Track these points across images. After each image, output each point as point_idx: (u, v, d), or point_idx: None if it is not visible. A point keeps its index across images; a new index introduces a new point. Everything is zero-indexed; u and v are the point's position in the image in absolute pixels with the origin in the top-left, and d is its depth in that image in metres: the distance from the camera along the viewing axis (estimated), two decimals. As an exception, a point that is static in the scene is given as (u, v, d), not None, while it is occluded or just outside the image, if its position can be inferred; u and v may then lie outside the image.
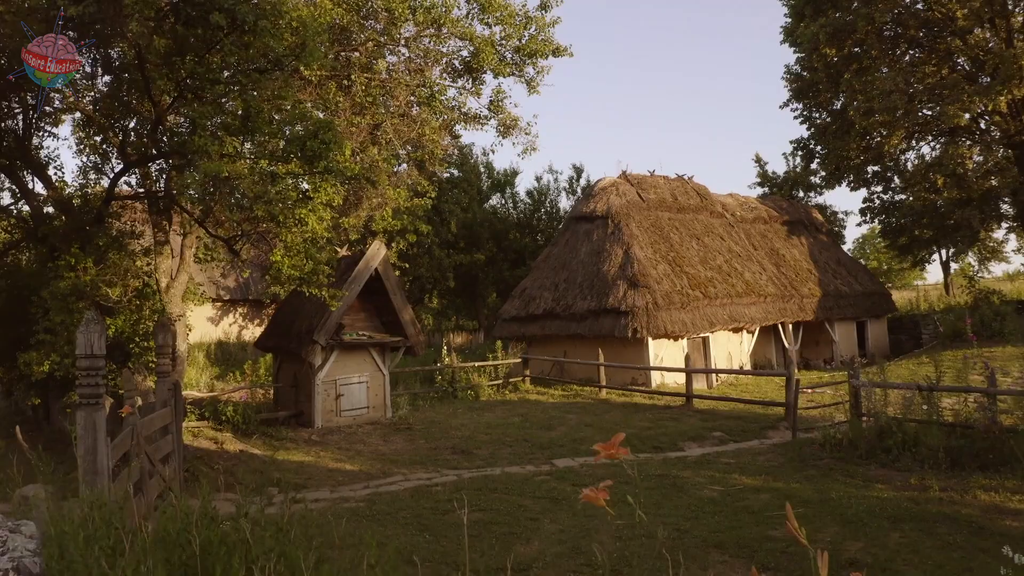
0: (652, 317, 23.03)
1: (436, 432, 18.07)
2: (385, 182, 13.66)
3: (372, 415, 19.62)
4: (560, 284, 26.38)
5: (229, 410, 17.88)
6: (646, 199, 27.95)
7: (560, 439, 16.63)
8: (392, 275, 19.32)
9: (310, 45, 10.02)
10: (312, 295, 12.84)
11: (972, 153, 30.47)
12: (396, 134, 15.51)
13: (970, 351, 26.43)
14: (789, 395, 17.46)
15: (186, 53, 10.40)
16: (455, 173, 47.33)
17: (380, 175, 13.56)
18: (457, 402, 22.36)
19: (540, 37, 17.25)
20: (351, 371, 19.44)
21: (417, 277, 42.23)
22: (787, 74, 42.26)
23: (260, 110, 10.26)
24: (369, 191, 13.95)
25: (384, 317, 20.07)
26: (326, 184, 10.49)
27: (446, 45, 16.95)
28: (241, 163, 9.83)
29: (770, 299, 27.96)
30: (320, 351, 18.57)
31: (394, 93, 15.40)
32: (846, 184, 42.36)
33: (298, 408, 19.52)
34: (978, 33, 30.32)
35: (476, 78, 17.55)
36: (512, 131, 18.20)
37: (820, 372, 28.70)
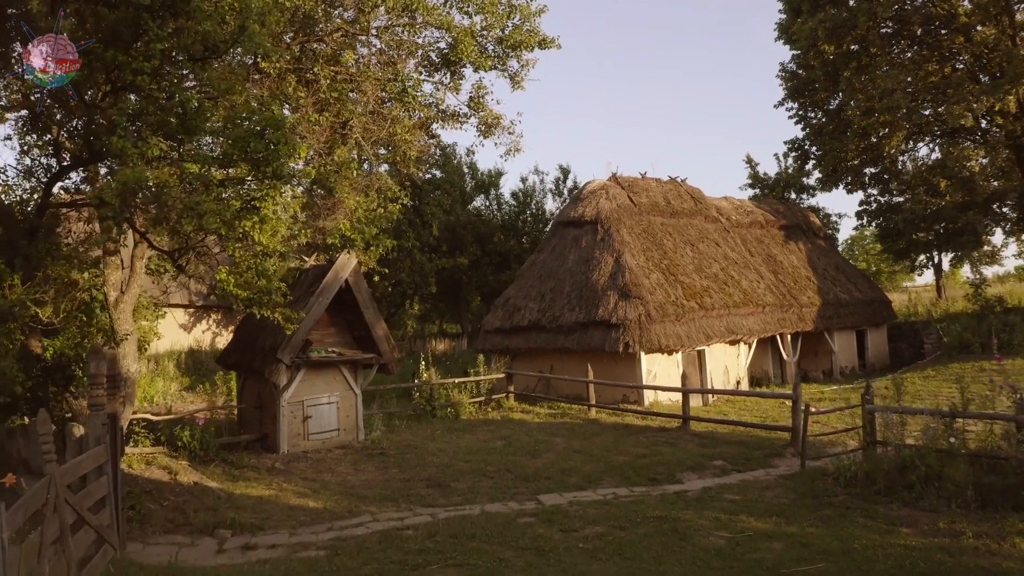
0: (645, 330, 21.78)
1: (411, 458, 16.77)
2: (345, 189, 12.29)
3: (343, 438, 18.33)
4: (546, 294, 25.08)
5: (186, 435, 16.47)
6: (638, 203, 26.68)
7: (546, 469, 15.35)
8: (364, 287, 18.01)
9: (250, 28, 8.71)
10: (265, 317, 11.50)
11: (978, 155, 29.33)
12: (364, 133, 14.16)
13: (987, 364, 25.35)
14: (796, 419, 16.26)
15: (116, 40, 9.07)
16: (437, 174, 46.35)
17: (340, 181, 12.19)
18: (436, 422, 21.06)
19: (525, 27, 15.96)
20: (320, 391, 18.14)
21: (398, 282, 41.06)
22: (782, 72, 41.15)
23: (199, 106, 8.94)
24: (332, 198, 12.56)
25: (356, 332, 18.78)
26: (274, 192, 9.18)
27: (421, 36, 15.63)
28: (167, 169, 8.52)
29: (768, 309, 26.77)
30: (285, 370, 17.25)
31: (363, 88, 14.03)
32: (843, 186, 41.25)
33: (263, 431, 18.18)
34: (984, 30, 29.19)
35: (455, 72, 16.25)
36: (494, 130, 16.90)
37: (820, 385, 27.58)
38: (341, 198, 11.64)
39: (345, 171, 11.83)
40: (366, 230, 11.65)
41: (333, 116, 13.92)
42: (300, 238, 11.15)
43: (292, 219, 11.77)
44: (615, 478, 14.55)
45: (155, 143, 8.46)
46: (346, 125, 14.33)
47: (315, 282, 17.60)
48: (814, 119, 41.46)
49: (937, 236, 40.26)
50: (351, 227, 11.01)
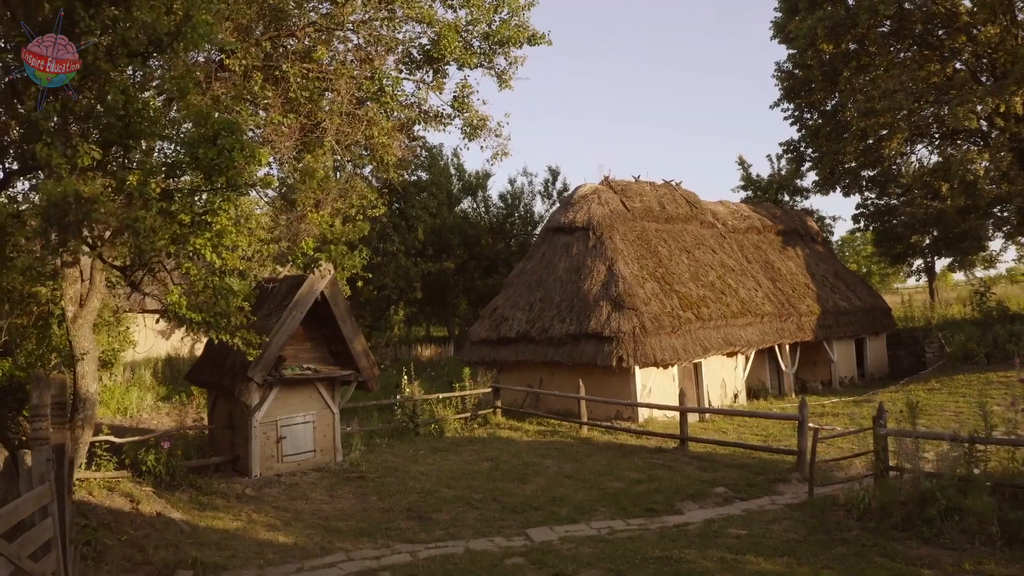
0: (639, 343, 20.86)
1: (392, 483, 15.83)
2: (309, 202, 11.27)
3: (319, 459, 17.34)
4: (535, 304, 24.11)
5: (150, 459, 15.43)
6: (631, 208, 25.74)
7: (536, 496, 14.42)
8: (341, 300, 17.02)
9: (196, 17, 7.73)
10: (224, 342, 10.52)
11: (983, 158, 28.55)
12: (338, 137, 13.15)
13: (994, 376, 24.58)
14: (802, 441, 15.40)
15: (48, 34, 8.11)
16: (423, 176, 45.62)
17: (305, 192, 11.15)
18: (419, 440, 20.07)
19: (513, 22, 14.98)
20: (295, 410, 17.14)
21: (382, 287, 40.16)
22: (778, 72, 40.33)
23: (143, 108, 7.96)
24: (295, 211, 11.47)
25: (333, 347, 17.81)
26: (228, 205, 8.21)
27: (401, 30, 14.63)
28: (101, 180, 7.54)
29: (767, 319, 25.91)
30: (257, 388, 16.24)
31: (335, 86, 13.00)
32: (840, 189, 40.48)
33: (234, 453, 17.18)
34: (987, 29, 28.41)
35: (438, 70, 15.25)
36: (480, 133, 15.90)
37: (819, 397, 26.73)
38: (303, 212, 10.63)
39: (310, 181, 10.82)
40: (332, 249, 10.59)
41: (304, 118, 12.95)
42: (264, 252, 10.14)
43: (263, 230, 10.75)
44: (610, 508, 13.63)
45: (87, 150, 7.48)
46: (318, 127, 13.34)
47: (289, 294, 16.60)
48: (810, 120, 40.70)
49: (937, 240, 39.58)
50: (312, 245, 9.98)
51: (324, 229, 10.55)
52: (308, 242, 10.11)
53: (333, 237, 11.31)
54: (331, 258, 10.85)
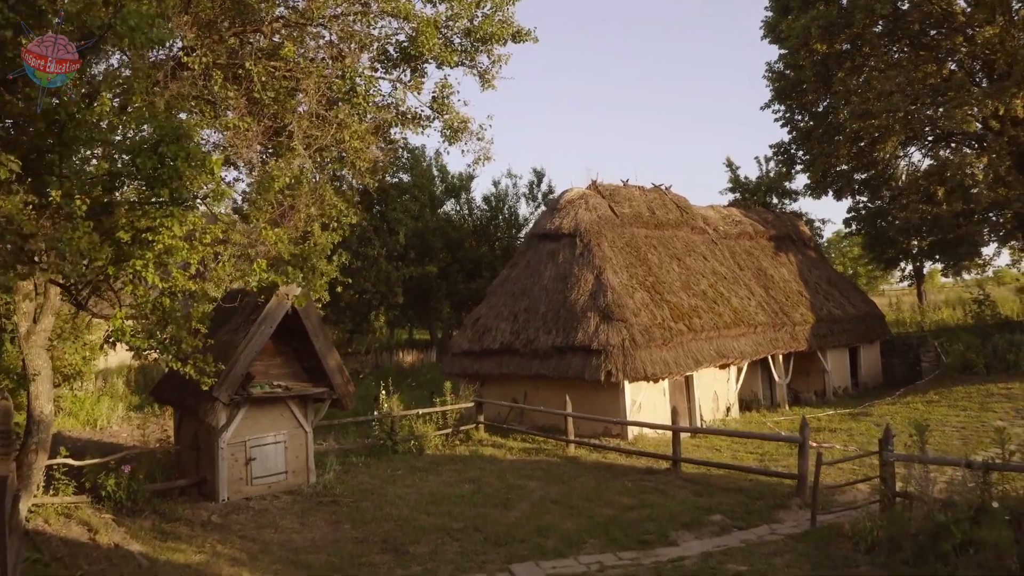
0: (629, 357, 20.01)
1: (368, 508, 14.97)
2: (263, 217, 10.32)
3: (291, 481, 16.45)
4: (520, 314, 23.22)
5: (110, 483, 14.49)
6: (620, 214, 24.88)
7: (520, 525, 13.58)
8: (314, 313, 16.13)
9: (128, 7, 6.84)
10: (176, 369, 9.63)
11: (981, 162, 27.88)
12: (306, 141, 12.23)
13: (994, 387, 23.90)
14: (803, 465, 14.60)
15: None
16: (404, 178, 44.79)
17: (262, 207, 10.20)
18: (397, 459, 19.18)
19: (497, 17, 14.09)
20: (265, 429, 16.25)
21: (362, 292, 39.28)
22: (769, 72, 39.59)
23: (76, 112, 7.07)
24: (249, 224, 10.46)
25: (306, 362, 16.92)
26: (171, 221, 7.33)
27: (377, 26, 13.72)
28: (20, 195, 6.65)
29: (760, 329, 25.13)
30: (223, 408, 15.31)
31: (304, 86, 12.08)
32: (832, 192, 39.79)
33: (200, 475, 16.27)
34: (986, 29, 27.75)
35: (416, 68, 14.36)
36: (461, 136, 15.02)
37: (813, 408, 26.00)
38: (258, 228, 9.73)
39: (266, 192, 9.93)
40: (290, 271, 9.67)
41: (269, 120, 12.04)
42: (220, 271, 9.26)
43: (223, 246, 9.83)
44: (600, 539, 12.79)
45: (4, 161, 6.57)
46: (284, 131, 12.43)
47: (258, 307, 15.67)
48: (802, 122, 40.02)
49: (932, 245, 38.97)
50: (263, 267, 9.08)
51: (281, 248, 9.59)
52: (260, 263, 9.19)
53: (295, 255, 10.31)
54: (289, 281, 9.86)
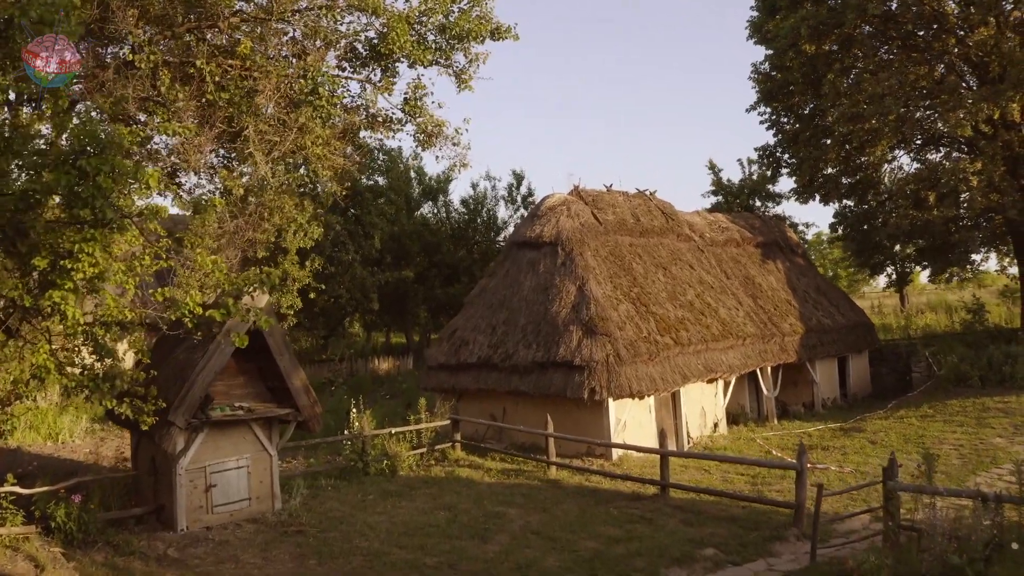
0: (613, 373, 19.10)
1: (336, 539, 14.01)
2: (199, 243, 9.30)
3: (255, 508, 15.45)
4: (498, 326, 22.25)
5: (60, 513, 13.47)
6: (603, 221, 23.96)
7: (499, 561, 12.67)
8: (278, 331, 15.17)
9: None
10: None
11: (975, 167, 27.21)
12: (263, 147, 11.24)
13: (990, 401, 23.24)
14: (800, 494, 13.74)
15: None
16: (380, 181, 43.96)
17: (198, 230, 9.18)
18: (368, 482, 18.18)
19: (474, 12, 13.14)
20: (226, 453, 15.23)
21: (336, 298, 38.34)
22: (755, 74, 38.90)
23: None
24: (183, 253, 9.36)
25: (270, 381, 15.91)
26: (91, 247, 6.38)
27: (344, 21, 12.74)
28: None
29: (749, 341, 24.32)
30: (180, 432, 14.32)
31: (261, 86, 11.09)
32: (819, 197, 39.13)
33: (158, 502, 15.24)
34: (981, 31, 27.11)
35: (386, 68, 13.39)
36: (435, 140, 14.08)
37: (802, 422, 25.26)
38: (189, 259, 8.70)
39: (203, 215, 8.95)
40: (230, 304, 8.67)
41: (224, 124, 11.07)
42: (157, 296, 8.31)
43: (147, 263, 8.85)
44: (582, 575, 11.91)
45: None
46: (239, 137, 11.44)
47: (218, 323, 14.71)
48: (788, 124, 39.36)
49: (922, 251, 38.43)
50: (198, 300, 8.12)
51: (219, 276, 8.59)
52: (194, 295, 8.21)
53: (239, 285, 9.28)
54: (229, 314, 8.85)
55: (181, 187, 14.48)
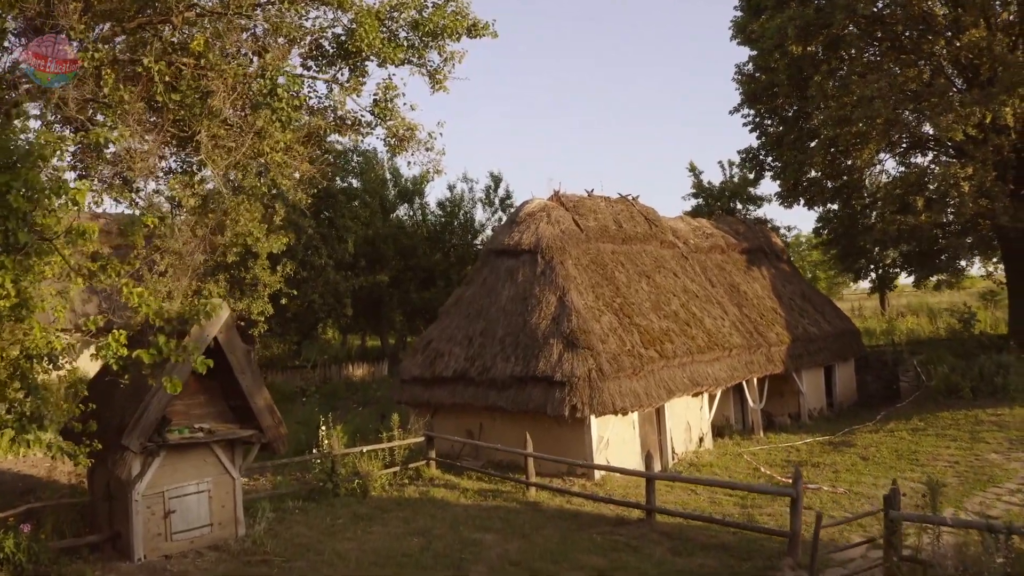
0: (596, 389, 18.31)
1: (302, 571, 13.20)
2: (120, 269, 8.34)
3: (218, 534, 14.61)
4: (475, 338, 21.41)
5: (9, 544, 12.61)
6: (585, 227, 23.14)
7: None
8: (239, 347, 14.31)
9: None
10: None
11: (966, 172, 26.66)
12: (213, 154, 10.36)
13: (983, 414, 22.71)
14: (796, 522, 13.00)
15: None
16: (354, 183, 43.13)
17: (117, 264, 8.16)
18: (338, 504, 17.32)
19: (450, 8, 12.31)
20: (186, 477, 14.37)
21: (309, 303, 37.40)
22: (738, 75, 38.31)
23: None
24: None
25: (232, 400, 15.07)
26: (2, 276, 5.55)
27: (309, 16, 11.88)
28: None
29: (735, 352, 23.64)
30: (136, 457, 13.46)
31: (214, 86, 10.23)
32: (803, 201, 38.59)
33: (114, 529, 14.39)
34: (973, 32, 26.59)
35: (355, 67, 12.53)
36: (407, 145, 13.24)
37: (789, 435, 24.65)
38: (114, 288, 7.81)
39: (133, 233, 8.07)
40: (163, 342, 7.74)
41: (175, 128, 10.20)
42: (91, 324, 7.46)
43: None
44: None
45: None
46: (190, 143, 10.57)
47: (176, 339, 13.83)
48: (772, 127, 38.81)
49: (908, 256, 37.98)
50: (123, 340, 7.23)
51: (146, 311, 7.69)
52: (117, 335, 7.35)
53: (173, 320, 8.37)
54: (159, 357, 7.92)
55: (138, 193, 13.61)
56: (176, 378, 8.04)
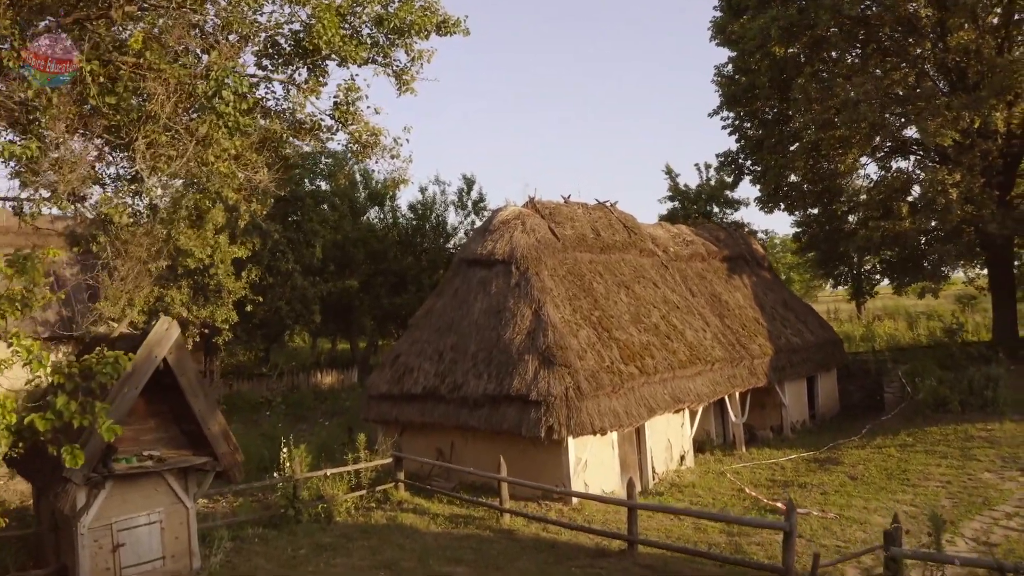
0: (573, 409, 17.43)
1: (254, 613, 12.27)
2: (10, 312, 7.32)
3: (171, 568, 13.69)
4: (446, 353, 20.47)
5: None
6: (561, 236, 22.25)
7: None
8: (190, 368, 13.36)
9: None
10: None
11: (953, 177, 26.09)
12: (151, 163, 9.41)
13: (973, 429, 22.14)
14: (788, 558, 12.20)
15: None
16: (322, 186, 42.14)
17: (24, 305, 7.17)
18: (300, 531, 16.37)
19: (418, 3, 11.41)
20: (136, 508, 13.41)
21: (276, 310, 36.38)
22: (718, 76, 37.63)
23: None
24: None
25: (185, 424, 14.11)
26: None
27: (263, 11, 10.94)
28: None
29: (718, 365, 22.88)
30: (80, 488, 12.50)
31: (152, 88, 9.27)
32: (784, 206, 38.01)
33: (60, 562, 13.47)
34: (961, 35, 26.03)
35: (313, 66, 11.60)
36: (371, 151, 12.31)
37: (772, 449, 23.93)
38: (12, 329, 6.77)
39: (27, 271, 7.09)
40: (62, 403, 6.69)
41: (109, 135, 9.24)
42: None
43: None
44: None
45: None
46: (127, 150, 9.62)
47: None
48: (751, 130, 38.18)
49: (891, 263, 37.49)
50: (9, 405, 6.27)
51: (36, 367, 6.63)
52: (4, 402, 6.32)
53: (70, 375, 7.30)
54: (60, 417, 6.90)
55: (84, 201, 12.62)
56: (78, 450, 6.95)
